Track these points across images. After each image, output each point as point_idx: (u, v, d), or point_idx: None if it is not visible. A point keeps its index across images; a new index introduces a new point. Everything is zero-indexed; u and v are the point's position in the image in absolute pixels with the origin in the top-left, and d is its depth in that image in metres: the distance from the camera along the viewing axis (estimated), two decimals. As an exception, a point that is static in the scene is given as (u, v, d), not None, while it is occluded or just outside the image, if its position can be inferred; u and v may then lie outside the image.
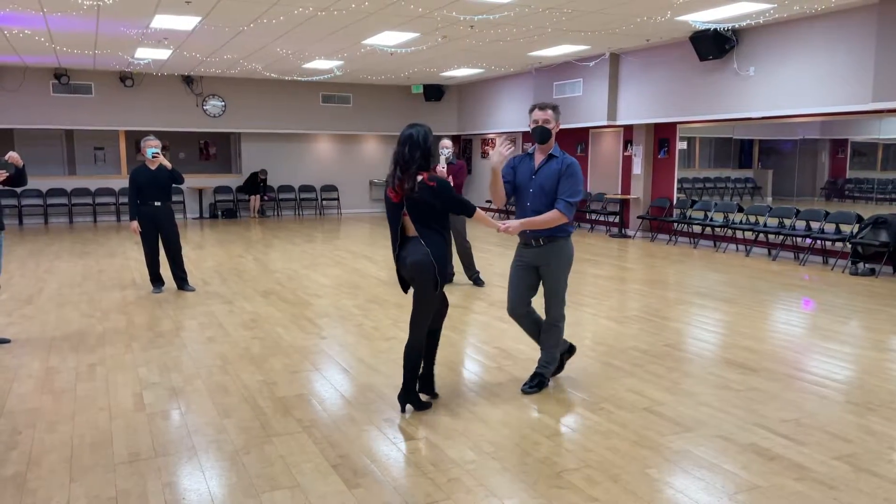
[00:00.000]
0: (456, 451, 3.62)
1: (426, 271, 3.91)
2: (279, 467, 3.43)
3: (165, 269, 7.87)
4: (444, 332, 6.17)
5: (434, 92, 17.68)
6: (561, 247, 4.36)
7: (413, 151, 3.85)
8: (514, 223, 4.21)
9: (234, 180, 17.37)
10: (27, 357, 5.30)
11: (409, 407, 4.15)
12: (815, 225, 10.09)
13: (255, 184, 16.83)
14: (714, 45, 10.47)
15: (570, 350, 4.83)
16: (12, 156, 5.55)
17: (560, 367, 4.76)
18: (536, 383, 4.51)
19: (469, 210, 4.00)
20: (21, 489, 3.21)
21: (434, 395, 4.34)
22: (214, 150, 19.04)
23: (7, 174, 5.44)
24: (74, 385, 4.66)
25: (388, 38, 10.95)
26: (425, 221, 3.93)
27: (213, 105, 16.55)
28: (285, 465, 3.46)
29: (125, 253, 10.88)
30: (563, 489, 3.21)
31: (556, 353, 4.58)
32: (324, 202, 18.17)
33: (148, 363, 5.14)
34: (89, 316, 6.65)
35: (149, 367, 5.04)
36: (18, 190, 14.27)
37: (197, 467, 3.43)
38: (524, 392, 4.46)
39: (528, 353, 5.42)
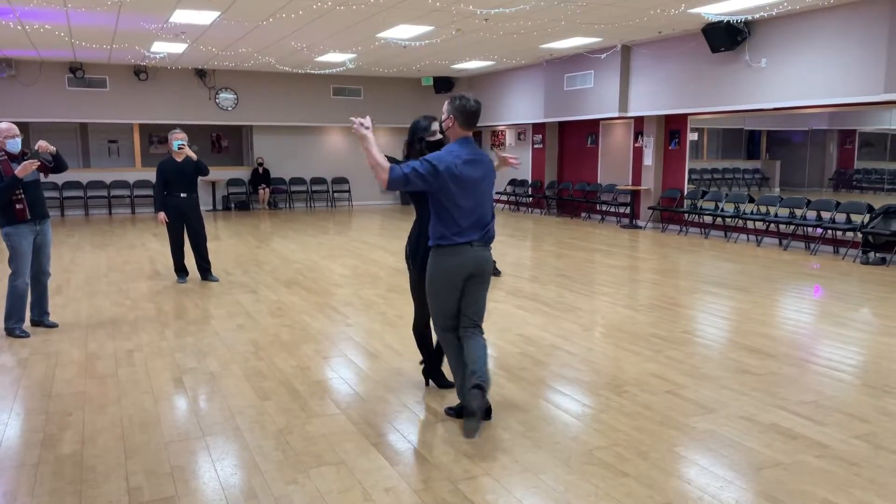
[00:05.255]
0: (489, 431, 3.78)
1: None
2: (322, 446, 3.60)
3: (189, 261, 8.04)
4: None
5: (444, 84, 17.78)
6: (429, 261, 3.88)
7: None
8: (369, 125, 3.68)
9: (245, 173, 17.54)
10: (65, 344, 5.48)
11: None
12: (825, 215, 10.21)
13: (258, 174, 17.06)
14: (726, 37, 10.57)
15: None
16: (41, 145, 5.71)
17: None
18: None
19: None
20: (80, 466, 3.38)
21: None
22: (227, 142, 19.21)
23: (39, 163, 5.59)
24: (115, 370, 4.83)
25: (403, 32, 11.07)
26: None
27: (226, 98, 16.70)
28: (328, 443, 3.63)
29: (144, 244, 11.06)
30: (594, 465, 3.37)
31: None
32: (335, 194, 18.32)
33: (183, 349, 5.32)
34: (120, 305, 6.83)
35: (184, 353, 5.21)
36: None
37: (244, 446, 3.60)
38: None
39: (551, 339, 5.58)
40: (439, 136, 4.10)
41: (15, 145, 5.58)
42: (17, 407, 4.17)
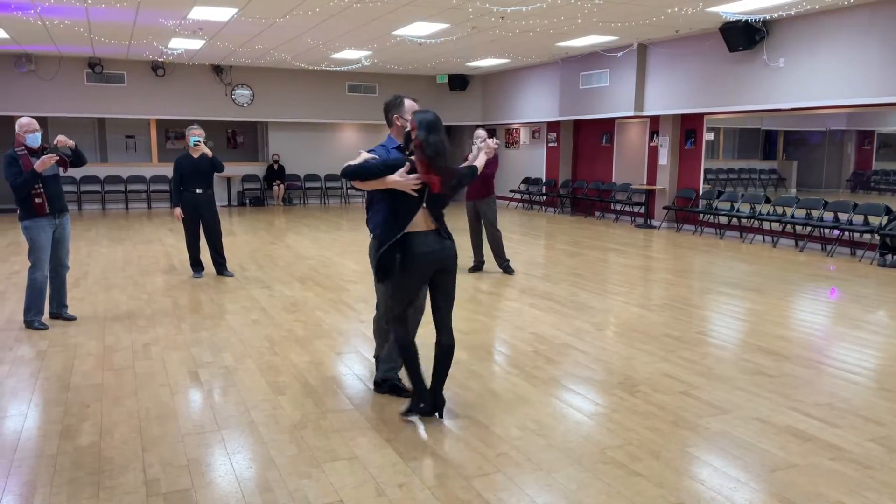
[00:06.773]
0: (501, 429, 3.80)
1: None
2: (336, 441, 3.63)
3: (204, 255, 8.10)
4: (480, 318, 6.36)
5: (459, 82, 17.78)
6: None
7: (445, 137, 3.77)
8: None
9: (261, 169, 17.65)
10: (83, 337, 5.54)
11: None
12: (843, 216, 10.12)
13: (274, 171, 17.17)
14: (744, 36, 10.49)
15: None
16: (61, 139, 5.77)
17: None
18: (387, 388, 4.28)
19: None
20: (98, 457, 3.43)
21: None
22: (242, 138, 19.31)
23: (58, 157, 5.65)
24: (132, 363, 4.89)
25: (419, 29, 11.08)
26: (440, 213, 3.91)
27: (242, 94, 16.79)
28: (342, 438, 3.65)
29: (161, 239, 11.16)
30: (607, 464, 3.38)
31: (392, 354, 4.28)
32: (349, 191, 18.38)
33: (199, 343, 5.37)
34: (136, 298, 6.90)
35: (200, 348, 5.26)
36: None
37: (259, 439, 3.64)
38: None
39: (564, 338, 5.59)
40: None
41: (34, 140, 5.65)
42: (36, 398, 4.23)
